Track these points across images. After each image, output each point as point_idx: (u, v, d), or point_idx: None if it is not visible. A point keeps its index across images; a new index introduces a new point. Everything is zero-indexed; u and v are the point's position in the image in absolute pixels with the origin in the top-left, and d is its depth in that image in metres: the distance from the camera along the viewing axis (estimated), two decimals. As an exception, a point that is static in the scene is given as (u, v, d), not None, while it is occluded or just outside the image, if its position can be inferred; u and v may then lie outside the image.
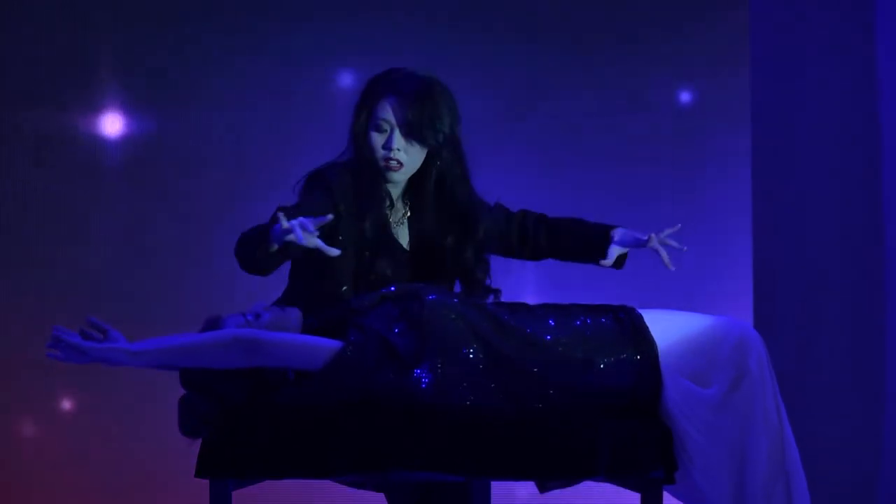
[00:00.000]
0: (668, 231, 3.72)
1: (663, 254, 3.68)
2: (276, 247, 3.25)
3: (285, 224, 3.15)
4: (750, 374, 3.32)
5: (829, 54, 4.83)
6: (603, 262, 3.75)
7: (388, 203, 3.60)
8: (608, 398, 3.34)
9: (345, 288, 3.53)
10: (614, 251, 3.74)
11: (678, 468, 3.31)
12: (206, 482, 3.30)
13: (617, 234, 3.73)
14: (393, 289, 3.40)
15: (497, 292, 3.75)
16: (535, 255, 3.87)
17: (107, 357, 3.23)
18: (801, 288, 4.81)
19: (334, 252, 3.22)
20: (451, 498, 3.67)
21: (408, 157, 3.54)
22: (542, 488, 3.38)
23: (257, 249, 3.33)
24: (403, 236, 3.64)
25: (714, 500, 3.31)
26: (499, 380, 3.29)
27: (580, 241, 3.78)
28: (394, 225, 3.64)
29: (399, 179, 3.58)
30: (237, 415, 3.29)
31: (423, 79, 3.54)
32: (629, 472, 3.30)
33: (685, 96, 5.60)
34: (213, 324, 3.37)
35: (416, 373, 3.26)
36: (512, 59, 5.58)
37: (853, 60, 4.77)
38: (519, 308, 3.43)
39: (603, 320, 3.39)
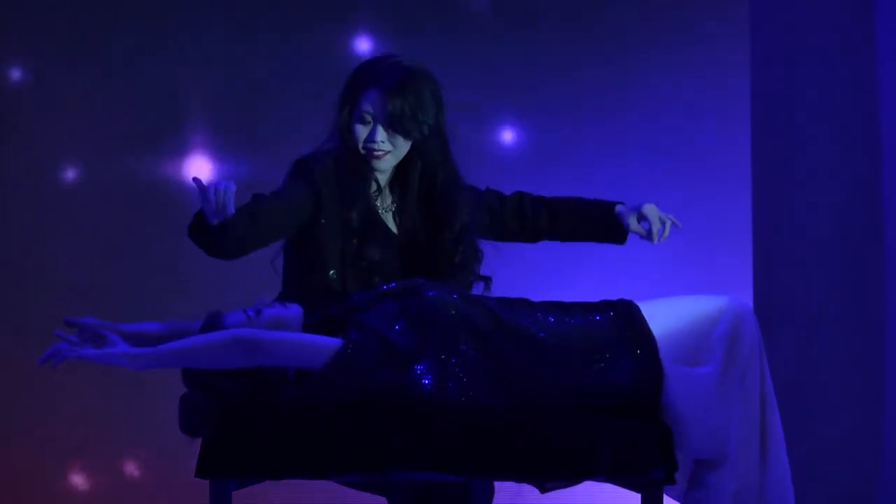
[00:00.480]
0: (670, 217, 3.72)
1: (655, 226, 3.68)
2: (213, 221, 3.25)
3: (201, 184, 3.16)
4: (741, 349, 3.33)
5: (829, 54, 4.84)
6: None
7: (375, 190, 3.60)
8: (608, 397, 3.34)
9: (332, 272, 3.53)
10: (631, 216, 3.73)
11: (678, 468, 3.31)
12: (205, 482, 3.30)
13: (622, 214, 3.71)
14: (393, 285, 3.40)
15: (488, 280, 3.74)
16: (535, 237, 3.84)
17: (106, 362, 3.24)
18: (801, 288, 4.82)
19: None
20: (452, 498, 3.66)
21: (393, 148, 3.53)
22: (542, 488, 3.38)
23: (199, 226, 3.33)
24: (392, 223, 3.64)
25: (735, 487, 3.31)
26: (498, 378, 3.29)
27: (582, 221, 3.76)
28: (382, 211, 3.63)
29: (385, 168, 3.57)
30: (237, 414, 3.29)
31: (407, 69, 3.52)
32: (629, 473, 3.30)
33: (684, 96, 5.60)
34: (213, 319, 3.37)
35: (417, 371, 3.27)
36: (511, 58, 5.59)
37: (853, 60, 4.78)
38: (520, 305, 3.43)
39: (601, 317, 3.39)
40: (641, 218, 3.69)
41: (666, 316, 3.40)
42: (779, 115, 4.95)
